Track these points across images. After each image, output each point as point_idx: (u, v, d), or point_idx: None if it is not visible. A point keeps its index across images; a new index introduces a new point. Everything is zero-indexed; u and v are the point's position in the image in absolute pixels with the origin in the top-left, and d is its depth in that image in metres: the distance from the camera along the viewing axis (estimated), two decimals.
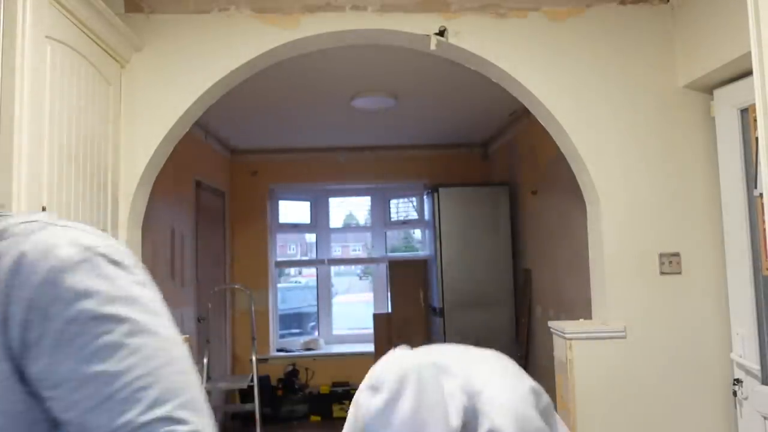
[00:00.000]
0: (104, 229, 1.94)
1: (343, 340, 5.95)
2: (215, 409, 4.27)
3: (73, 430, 0.57)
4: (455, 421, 1.13)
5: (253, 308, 4.33)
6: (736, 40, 2.00)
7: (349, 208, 6.65)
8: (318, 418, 5.16)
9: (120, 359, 0.57)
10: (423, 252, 6.08)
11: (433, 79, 3.44)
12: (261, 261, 5.54)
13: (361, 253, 6.97)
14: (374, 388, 1.13)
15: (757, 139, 1.45)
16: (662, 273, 2.36)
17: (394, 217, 6.26)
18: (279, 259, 5.94)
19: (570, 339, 2.32)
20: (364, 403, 1.14)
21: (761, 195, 2.03)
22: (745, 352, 2.16)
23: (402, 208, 6.26)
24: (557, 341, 2.45)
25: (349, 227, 6.74)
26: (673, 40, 2.44)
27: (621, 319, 2.34)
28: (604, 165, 2.40)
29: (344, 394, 5.16)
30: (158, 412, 0.56)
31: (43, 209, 1.53)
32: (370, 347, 5.32)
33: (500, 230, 4.60)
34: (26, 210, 1.47)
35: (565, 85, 2.42)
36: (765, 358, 2.10)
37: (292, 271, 6.76)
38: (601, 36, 2.44)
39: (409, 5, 2.37)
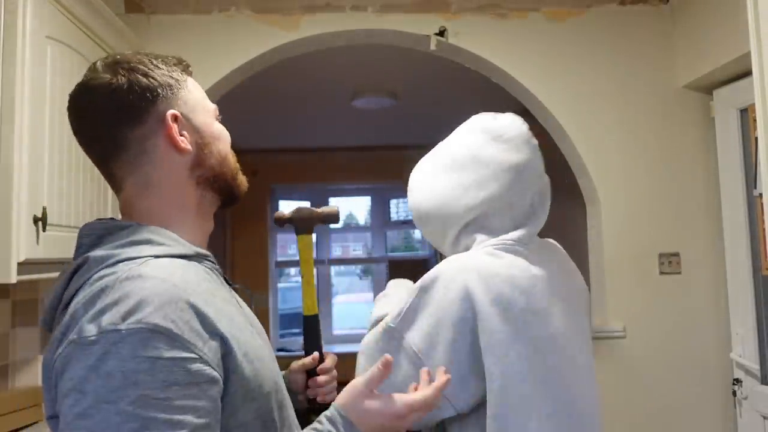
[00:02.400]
0: None
1: (343, 340, 5.95)
2: None
3: None
4: None
5: (253, 308, 4.33)
6: (735, 40, 2.00)
7: (349, 208, 6.65)
8: None
9: None
10: (423, 252, 6.09)
11: (433, 79, 3.44)
12: (261, 261, 5.54)
13: (361, 253, 6.96)
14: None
15: (756, 139, 1.45)
16: (662, 273, 2.36)
17: (394, 217, 6.26)
18: (279, 259, 5.95)
19: None
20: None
21: (761, 195, 2.03)
22: (744, 351, 2.16)
23: (402, 208, 6.26)
24: None
25: (349, 227, 6.74)
26: (673, 40, 2.44)
27: (621, 319, 2.34)
28: (604, 165, 2.40)
29: None
30: None
31: (44, 209, 1.53)
32: None
33: None
34: (27, 210, 1.48)
35: (564, 85, 2.42)
36: (765, 357, 2.10)
37: (293, 271, 6.76)
38: (601, 36, 2.44)
39: (409, 5, 2.37)
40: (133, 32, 2.20)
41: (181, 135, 0.82)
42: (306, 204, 6.71)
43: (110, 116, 0.78)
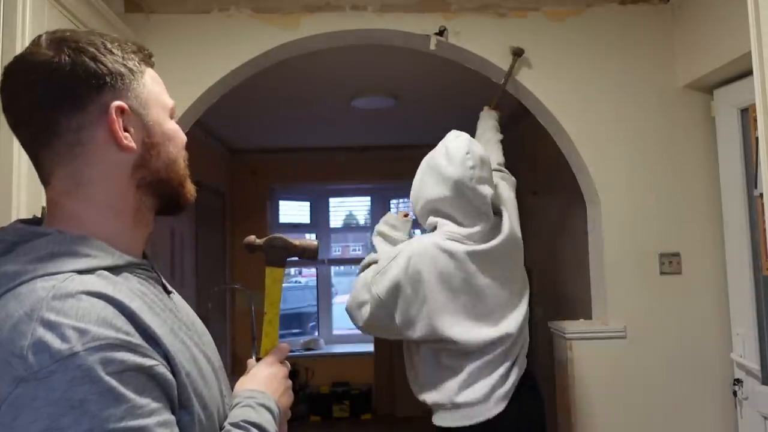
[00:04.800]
0: None
1: (343, 340, 5.95)
2: None
3: None
4: None
5: (253, 308, 4.33)
6: (736, 40, 2.00)
7: (349, 208, 6.64)
8: (318, 419, 5.16)
9: None
10: None
11: (433, 79, 3.44)
12: (261, 261, 5.50)
13: (361, 253, 6.96)
14: None
15: (757, 139, 1.45)
16: (662, 273, 2.36)
17: None
18: None
19: (570, 339, 2.32)
20: None
21: (761, 195, 2.03)
22: (745, 352, 2.16)
23: (402, 208, 6.26)
24: (557, 341, 2.45)
25: (349, 227, 6.73)
26: (673, 40, 2.43)
27: (621, 319, 2.34)
28: (604, 165, 2.40)
29: (344, 394, 5.16)
30: None
31: (43, 210, 1.53)
32: (370, 347, 5.32)
33: None
34: (26, 211, 1.47)
35: (565, 85, 2.41)
36: (765, 358, 2.10)
37: (293, 271, 6.75)
38: (601, 36, 2.44)
39: (409, 5, 2.37)
40: (132, 32, 2.20)
41: (126, 131, 0.74)
42: (305, 205, 6.66)
43: (45, 98, 0.70)
